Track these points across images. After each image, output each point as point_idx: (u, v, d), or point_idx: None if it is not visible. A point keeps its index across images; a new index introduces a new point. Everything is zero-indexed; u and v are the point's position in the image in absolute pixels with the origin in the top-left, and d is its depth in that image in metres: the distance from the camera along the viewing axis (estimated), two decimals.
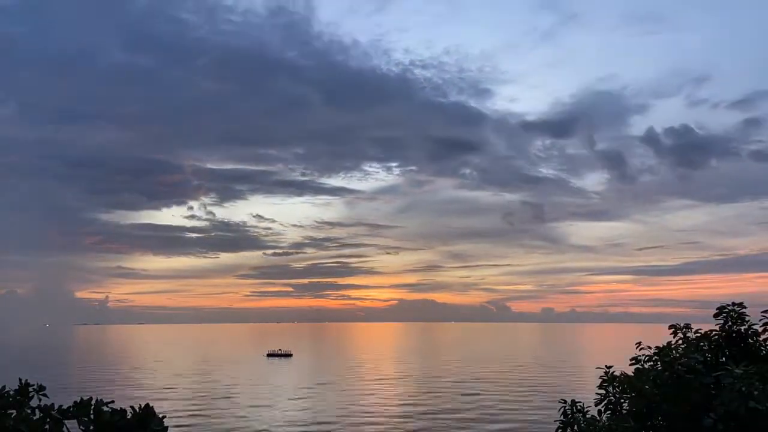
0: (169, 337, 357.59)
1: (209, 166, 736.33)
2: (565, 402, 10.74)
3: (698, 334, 10.69)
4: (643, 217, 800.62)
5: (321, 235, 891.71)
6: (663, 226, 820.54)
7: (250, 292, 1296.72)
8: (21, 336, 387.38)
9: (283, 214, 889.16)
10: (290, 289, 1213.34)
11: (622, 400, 10.24)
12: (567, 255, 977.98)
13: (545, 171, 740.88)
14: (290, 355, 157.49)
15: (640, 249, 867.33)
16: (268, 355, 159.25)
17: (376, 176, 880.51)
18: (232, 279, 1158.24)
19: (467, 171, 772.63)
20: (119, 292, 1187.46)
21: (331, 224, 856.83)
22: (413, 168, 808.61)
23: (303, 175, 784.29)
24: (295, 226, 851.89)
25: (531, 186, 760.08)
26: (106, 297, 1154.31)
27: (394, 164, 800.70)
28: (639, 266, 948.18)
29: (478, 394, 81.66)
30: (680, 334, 10.77)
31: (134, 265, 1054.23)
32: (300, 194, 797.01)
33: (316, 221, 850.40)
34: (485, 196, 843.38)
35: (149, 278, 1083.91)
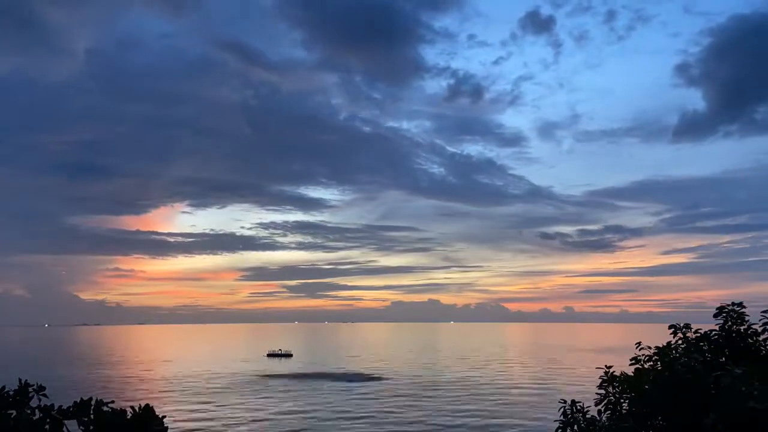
0: (169, 337, 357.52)
1: (201, 174, 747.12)
2: (565, 402, 10.71)
3: (698, 334, 10.68)
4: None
5: (316, 238, 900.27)
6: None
7: (249, 293, 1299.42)
8: (21, 336, 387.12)
9: (276, 219, 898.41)
10: (287, 290, 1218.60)
11: (622, 400, 10.23)
12: (557, 258, 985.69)
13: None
14: (290, 355, 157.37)
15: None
16: (269, 355, 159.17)
17: (351, 188, 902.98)
18: (230, 281, 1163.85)
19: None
20: (118, 293, 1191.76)
21: (324, 228, 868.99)
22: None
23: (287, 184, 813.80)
24: (289, 229, 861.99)
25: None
26: (105, 298, 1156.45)
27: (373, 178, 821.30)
28: (634, 267, 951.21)
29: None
30: (680, 334, 10.76)
31: (133, 266, 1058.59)
32: (283, 203, 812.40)
33: (310, 225, 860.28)
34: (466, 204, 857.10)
35: (148, 279, 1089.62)
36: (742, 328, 10.38)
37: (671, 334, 10.79)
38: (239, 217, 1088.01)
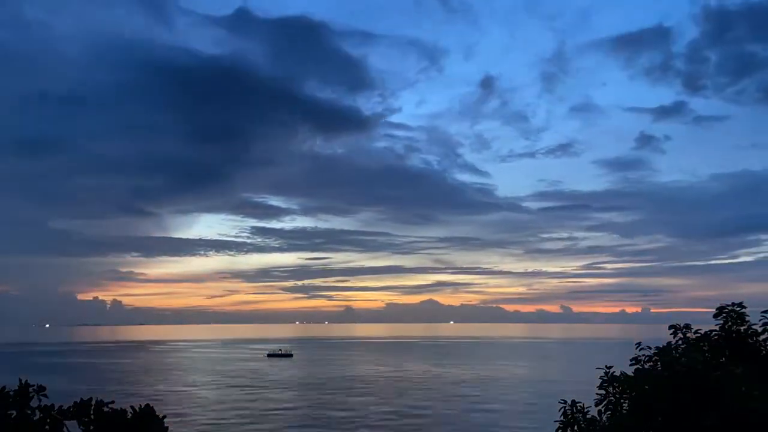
0: (171, 337, 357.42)
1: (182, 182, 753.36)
2: (565, 402, 10.68)
3: (698, 335, 10.67)
4: None
5: (314, 239, 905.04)
6: None
7: (248, 294, 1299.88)
8: (22, 336, 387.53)
9: (257, 225, 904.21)
10: (285, 292, 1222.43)
11: (622, 401, 10.21)
12: (549, 260, 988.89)
13: None
14: (290, 356, 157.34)
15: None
16: (269, 355, 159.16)
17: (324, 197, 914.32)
18: (229, 282, 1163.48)
19: None
20: (119, 293, 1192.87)
21: (321, 230, 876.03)
22: None
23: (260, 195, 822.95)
24: (288, 230, 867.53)
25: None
26: (106, 299, 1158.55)
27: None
28: (628, 268, 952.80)
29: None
30: (680, 335, 10.74)
31: (133, 268, 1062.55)
32: (263, 211, 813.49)
33: (308, 227, 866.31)
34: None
35: (148, 281, 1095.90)
36: (742, 328, 10.36)
37: (671, 334, 10.77)
38: (224, 222, 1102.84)
